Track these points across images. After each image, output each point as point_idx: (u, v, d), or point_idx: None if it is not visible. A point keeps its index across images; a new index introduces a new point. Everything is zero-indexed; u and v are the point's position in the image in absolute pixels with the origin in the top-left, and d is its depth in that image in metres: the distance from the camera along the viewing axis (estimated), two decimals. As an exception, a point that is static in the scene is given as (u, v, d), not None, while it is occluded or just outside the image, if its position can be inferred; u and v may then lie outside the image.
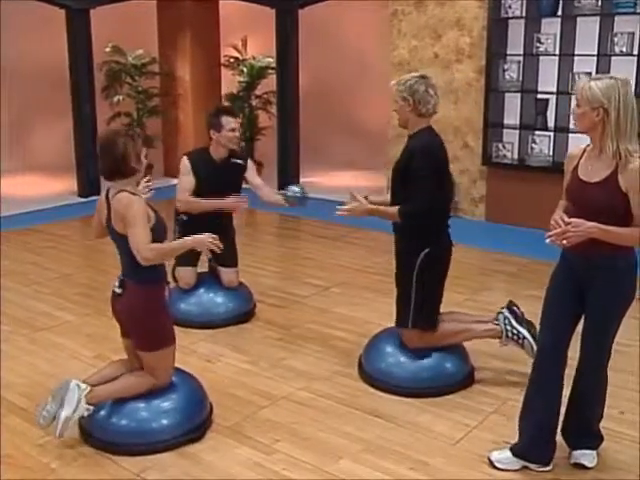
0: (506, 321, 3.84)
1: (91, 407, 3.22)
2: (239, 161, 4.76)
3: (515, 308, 3.92)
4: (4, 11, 9.09)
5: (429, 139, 3.67)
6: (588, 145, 2.93)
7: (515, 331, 3.81)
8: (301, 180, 9.32)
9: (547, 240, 2.77)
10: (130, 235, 3.09)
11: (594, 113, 2.75)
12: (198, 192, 4.60)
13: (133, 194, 3.18)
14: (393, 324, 3.97)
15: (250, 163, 4.85)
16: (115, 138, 3.18)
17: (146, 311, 3.26)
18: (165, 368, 3.35)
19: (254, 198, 4.81)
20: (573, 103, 2.92)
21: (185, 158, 4.68)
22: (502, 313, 3.88)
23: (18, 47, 9.36)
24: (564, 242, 2.75)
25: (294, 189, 4.48)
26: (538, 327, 3.25)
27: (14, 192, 8.85)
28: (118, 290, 3.26)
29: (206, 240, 3.25)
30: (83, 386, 3.23)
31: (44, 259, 6.27)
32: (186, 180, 4.61)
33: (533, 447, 3.10)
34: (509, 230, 7.06)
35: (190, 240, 3.31)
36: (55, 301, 5.22)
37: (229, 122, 4.59)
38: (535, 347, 3.76)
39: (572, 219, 2.75)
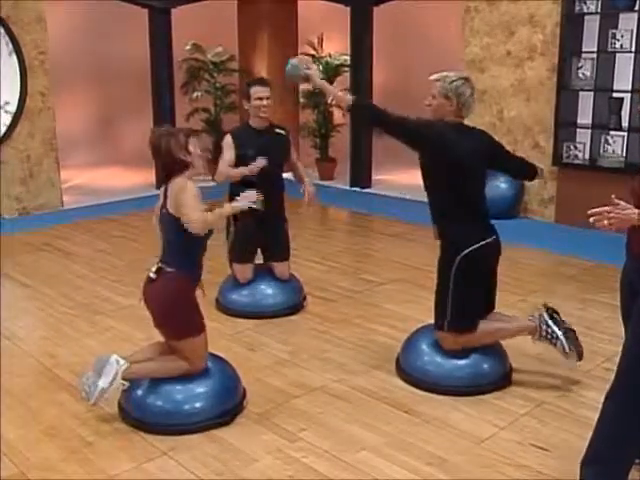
0: (542, 319, 3.75)
1: (126, 383, 3.39)
2: (282, 132, 4.86)
3: (556, 315, 3.80)
4: (93, 12, 9.55)
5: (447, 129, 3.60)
6: None
7: (550, 330, 3.71)
8: (373, 178, 9.38)
9: (590, 219, 2.61)
10: (184, 210, 3.24)
11: None
12: (245, 163, 4.63)
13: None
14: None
15: (291, 138, 4.94)
16: (157, 140, 3.36)
17: (176, 299, 3.39)
18: (197, 356, 3.46)
19: (325, 193, 4.97)
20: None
21: (227, 135, 4.82)
22: (541, 314, 3.79)
23: (105, 46, 9.81)
24: (605, 222, 2.59)
25: (293, 62, 3.96)
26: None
27: (98, 183, 9.33)
28: (153, 275, 3.41)
29: (249, 197, 3.54)
30: (122, 361, 3.39)
31: (113, 247, 6.58)
32: (227, 154, 4.69)
33: None
34: (578, 232, 6.84)
35: (235, 203, 3.56)
36: (118, 287, 5.48)
37: (257, 91, 4.67)
38: (567, 349, 3.69)
39: (620, 201, 2.61)
